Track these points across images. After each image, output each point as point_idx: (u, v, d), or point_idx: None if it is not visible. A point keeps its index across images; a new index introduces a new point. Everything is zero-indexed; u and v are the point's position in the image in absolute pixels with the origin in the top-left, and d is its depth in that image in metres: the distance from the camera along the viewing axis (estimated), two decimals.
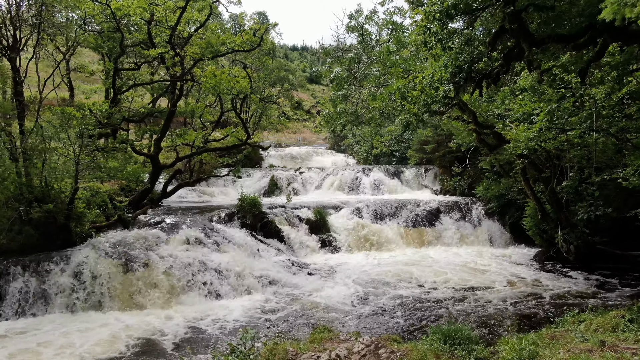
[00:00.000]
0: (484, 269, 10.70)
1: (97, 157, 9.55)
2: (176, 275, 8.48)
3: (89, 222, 9.99)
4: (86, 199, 10.41)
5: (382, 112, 9.68)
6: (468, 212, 15.24)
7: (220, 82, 9.78)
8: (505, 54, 6.06)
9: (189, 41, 12.10)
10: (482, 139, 9.80)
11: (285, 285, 9.20)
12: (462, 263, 11.38)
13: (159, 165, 11.90)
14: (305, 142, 45.06)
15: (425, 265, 10.97)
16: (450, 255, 12.41)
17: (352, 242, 13.20)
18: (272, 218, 12.86)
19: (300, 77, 53.11)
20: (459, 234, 14.12)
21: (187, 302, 8.16)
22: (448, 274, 9.93)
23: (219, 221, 12.19)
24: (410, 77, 7.41)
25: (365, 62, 10.35)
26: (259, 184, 21.21)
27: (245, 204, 12.45)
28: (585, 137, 8.87)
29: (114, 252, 8.65)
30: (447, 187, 19.65)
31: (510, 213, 14.49)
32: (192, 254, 9.34)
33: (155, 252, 9.05)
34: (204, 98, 19.20)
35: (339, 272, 10.62)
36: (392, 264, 11.15)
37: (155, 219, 11.95)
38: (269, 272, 9.52)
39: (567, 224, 10.55)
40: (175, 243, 9.75)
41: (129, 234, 9.93)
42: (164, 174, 15.02)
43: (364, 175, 20.85)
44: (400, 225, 14.19)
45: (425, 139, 21.24)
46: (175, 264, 8.75)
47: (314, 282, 9.52)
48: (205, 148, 12.84)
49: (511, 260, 11.66)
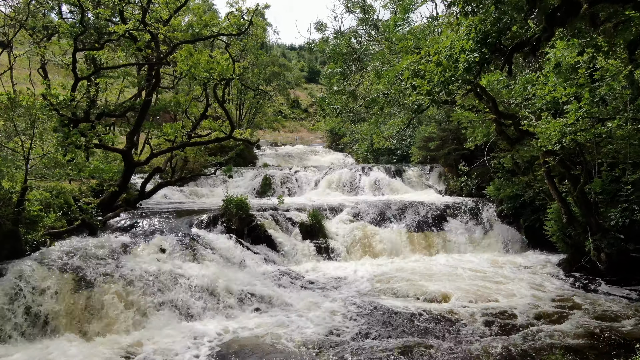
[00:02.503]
0: (503, 281, 9.31)
1: (52, 153, 8.10)
2: (142, 293, 7.07)
3: (45, 227, 8.57)
4: (44, 200, 8.99)
5: (387, 96, 8.30)
6: (478, 214, 13.88)
7: (197, 63, 8.36)
8: (548, 14, 4.68)
9: (168, 23, 10.69)
10: (502, 131, 8.43)
11: (273, 303, 7.80)
12: (477, 273, 9.99)
13: (132, 162, 10.49)
14: (303, 141, 43.69)
15: (435, 276, 9.58)
16: (461, 263, 11.02)
17: (352, 248, 11.81)
18: (261, 222, 11.45)
19: (297, 73, 51.74)
20: (469, 239, 12.74)
21: (153, 325, 6.74)
22: (464, 288, 8.52)
23: (200, 226, 10.78)
24: (423, 50, 6.05)
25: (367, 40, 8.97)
26: (251, 184, 19.85)
27: (231, 206, 11.04)
28: (625, 127, 7.50)
29: (66, 265, 7.23)
30: (453, 187, 18.30)
31: (525, 215, 13.12)
32: (164, 266, 7.93)
33: (119, 263, 7.64)
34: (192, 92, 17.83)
35: (337, 284, 9.24)
36: (398, 274, 9.75)
37: (129, 223, 10.56)
38: (255, 287, 8.11)
39: (597, 229, 9.19)
40: (144, 252, 8.35)
41: (92, 242, 8.51)
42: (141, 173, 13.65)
43: (364, 175, 19.48)
44: (405, 229, 12.81)
45: (429, 136, 19.89)
46: (142, 278, 7.33)
47: (307, 298, 8.11)
48: (183, 143, 11.42)
49: (532, 270, 10.28)
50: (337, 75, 9.50)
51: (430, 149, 19.47)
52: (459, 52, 5.23)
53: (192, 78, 9.17)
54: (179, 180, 13.26)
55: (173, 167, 13.23)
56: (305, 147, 36.13)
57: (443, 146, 18.79)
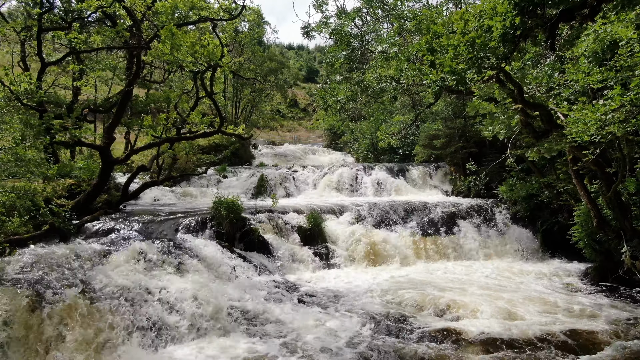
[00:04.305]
0: (532, 294, 8.24)
1: (14, 148, 7.02)
2: (110, 313, 5.98)
3: (7, 233, 7.49)
4: (8, 202, 7.91)
5: (398, 82, 7.20)
6: (491, 217, 12.84)
7: (180, 45, 7.26)
8: None
9: (153, 5, 9.60)
10: (528, 123, 7.38)
11: (266, 321, 6.73)
12: (494, 283, 8.95)
13: (110, 159, 9.39)
14: (301, 141, 42.65)
15: (448, 287, 8.53)
16: (476, 271, 9.97)
17: (355, 254, 10.74)
18: (255, 225, 10.38)
19: (295, 70, 50.65)
20: (482, 244, 11.69)
21: (125, 355, 5.65)
22: (483, 305, 7.44)
23: (187, 230, 9.71)
24: (450, 17, 5.03)
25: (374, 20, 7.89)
26: (247, 184, 18.79)
27: (221, 209, 9.97)
28: None
29: (22, 279, 6.13)
30: (460, 187, 17.27)
31: (542, 218, 12.10)
32: (141, 280, 6.85)
33: (87, 277, 6.55)
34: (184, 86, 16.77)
35: (338, 296, 8.17)
36: (407, 285, 8.69)
37: (108, 227, 9.48)
38: (245, 302, 7.04)
39: (633, 234, 8.16)
40: (119, 262, 7.25)
41: (60, 250, 7.41)
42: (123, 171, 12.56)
43: (365, 174, 18.44)
44: (412, 233, 11.76)
45: (434, 133, 18.83)
46: (112, 296, 6.25)
47: (305, 315, 7.04)
48: (167, 138, 10.32)
49: (557, 281, 9.22)
50: (342, 59, 8.36)
51: (436, 147, 18.42)
52: (490, 17, 4.18)
53: (174, 63, 8.09)
54: (166, 180, 12.17)
55: (160, 166, 12.14)
56: (303, 146, 35.08)
57: (449, 144, 17.74)
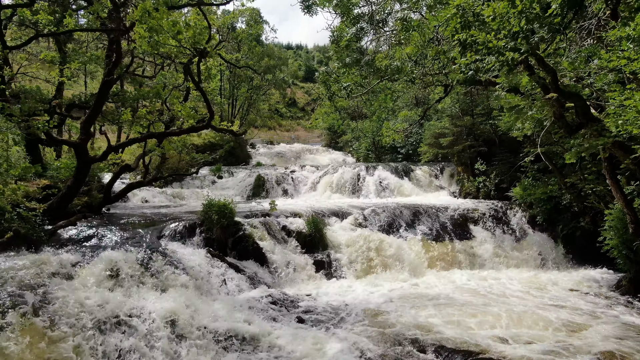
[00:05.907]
0: (557, 315, 7.27)
1: None
2: (72, 341, 4.98)
3: None
4: None
5: (417, 62, 6.23)
6: (505, 221, 11.87)
7: (158, 27, 6.23)
8: None
9: None
10: (561, 115, 6.42)
11: (258, 348, 5.73)
12: (519, 299, 7.97)
13: (87, 157, 8.39)
14: (300, 140, 41.71)
15: (466, 303, 7.55)
16: (496, 283, 8.98)
17: (359, 263, 9.75)
18: (249, 231, 9.38)
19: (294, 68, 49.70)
20: (499, 251, 10.71)
21: None
22: (512, 328, 6.44)
23: (173, 237, 8.70)
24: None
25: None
26: (243, 185, 17.81)
27: (212, 213, 8.97)
28: None
29: None
30: (468, 188, 16.29)
31: (563, 222, 11.13)
32: (113, 298, 5.85)
33: (48, 295, 5.55)
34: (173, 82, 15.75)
35: (343, 313, 7.18)
36: (420, 301, 7.71)
37: (85, 234, 8.47)
38: (235, 323, 6.04)
39: None
40: (88, 277, 6.25)
41: (22, 261, 6.40)
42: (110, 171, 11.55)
43: (368, 175, 17.47)
44: (421, 238, 10.78)
45: (440, 131, 17.85)
46: (75, 321, 5.24)
47: (305, 339, 6.04)
48: (149, 134, 9.33)
49: (589, 294, 8.24)
50: (349, 37, 7.31)
51: (442, 145, 17.43)
52: None
53: (155, 50, 7.09)
54: (153, 180, 11.18)
55: (146, 165, 11.13)
56: (302, 146, 34.17)
57: (457, 142, 16.75)
